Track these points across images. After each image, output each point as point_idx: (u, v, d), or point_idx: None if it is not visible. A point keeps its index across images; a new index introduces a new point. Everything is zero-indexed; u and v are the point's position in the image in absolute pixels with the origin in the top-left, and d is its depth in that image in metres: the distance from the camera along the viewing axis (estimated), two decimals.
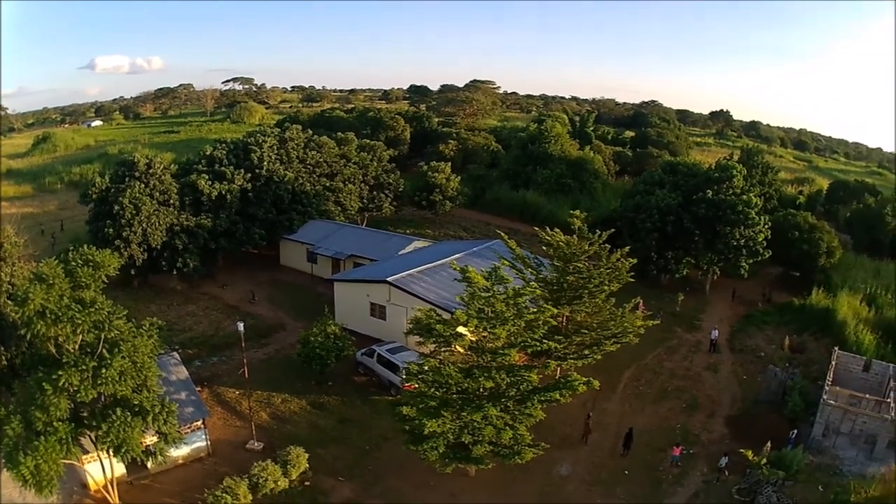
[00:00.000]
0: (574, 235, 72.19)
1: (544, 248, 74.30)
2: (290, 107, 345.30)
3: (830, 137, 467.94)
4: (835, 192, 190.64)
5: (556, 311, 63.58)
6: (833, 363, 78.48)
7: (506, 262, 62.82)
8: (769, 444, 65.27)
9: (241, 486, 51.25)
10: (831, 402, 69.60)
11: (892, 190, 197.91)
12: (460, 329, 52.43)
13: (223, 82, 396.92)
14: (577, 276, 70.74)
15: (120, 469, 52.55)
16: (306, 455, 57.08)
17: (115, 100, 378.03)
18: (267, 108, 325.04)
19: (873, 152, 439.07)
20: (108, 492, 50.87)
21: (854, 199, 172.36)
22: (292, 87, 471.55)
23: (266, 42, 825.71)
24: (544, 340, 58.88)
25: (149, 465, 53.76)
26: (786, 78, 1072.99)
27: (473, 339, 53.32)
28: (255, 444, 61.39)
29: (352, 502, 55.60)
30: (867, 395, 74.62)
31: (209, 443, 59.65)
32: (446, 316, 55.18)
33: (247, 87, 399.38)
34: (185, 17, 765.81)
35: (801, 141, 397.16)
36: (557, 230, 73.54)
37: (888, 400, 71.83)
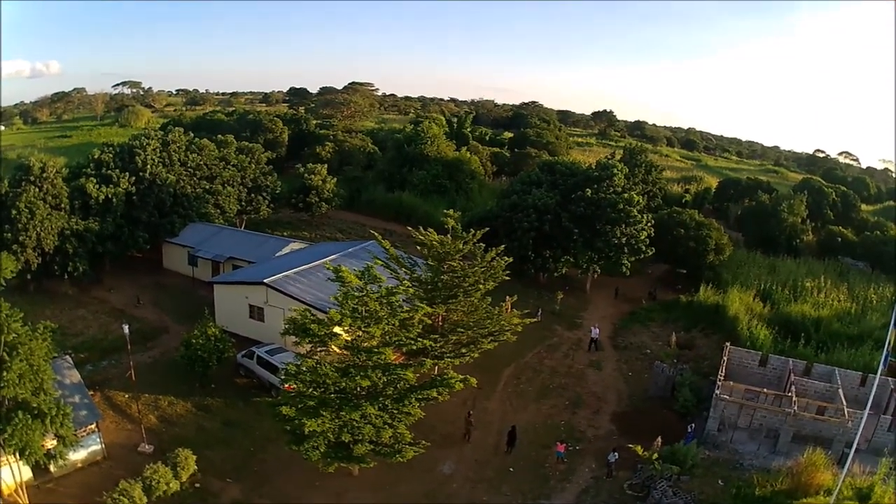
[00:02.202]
0: (448, 235, 76.07)
1: (418, 247, 78.09)
2: (175, 110, 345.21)
3: (722, 136, 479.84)
4: (725, 190, 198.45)
5: (430, 309, 68.48)
6: (725, 358, 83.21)
7: (379, 261, 66.28)
8: (660, 439, 69.24)
9: (135, 488, 54.08)
10: (725, 396, 74.09)
11: (789, 187, 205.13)
12: (336, 329, 55.84)
13: (113, 86, 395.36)
14: (452, 275, 74.73)
15: (27, 473, 55.58)
16: (194, 457, 60.10)
17: (16, 104, 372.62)
18: (153, 112, 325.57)
19: (769, 150, 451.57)
20: (18, 495, 53.75)
21: (746, 197, 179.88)
22: (177, 90, 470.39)
23: (153, 44, 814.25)
24: (420, 339, 62.76)
25: (52, 468, 56.97)
26: (673, 78, 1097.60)
27: (348, 338, 56.82)
28: (146, 446, 64.21)
29: (239, 503, 58.78)
30: (765, 390, 78.76)
31: (104, 446, 62.38)
32: (322, 316, 58.38)
33: (135, 90, 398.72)
34: (80, 20, 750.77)
35: (689, 140, 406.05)
36: (432, 230, 77.33)
37: (789, 394, 76.10)
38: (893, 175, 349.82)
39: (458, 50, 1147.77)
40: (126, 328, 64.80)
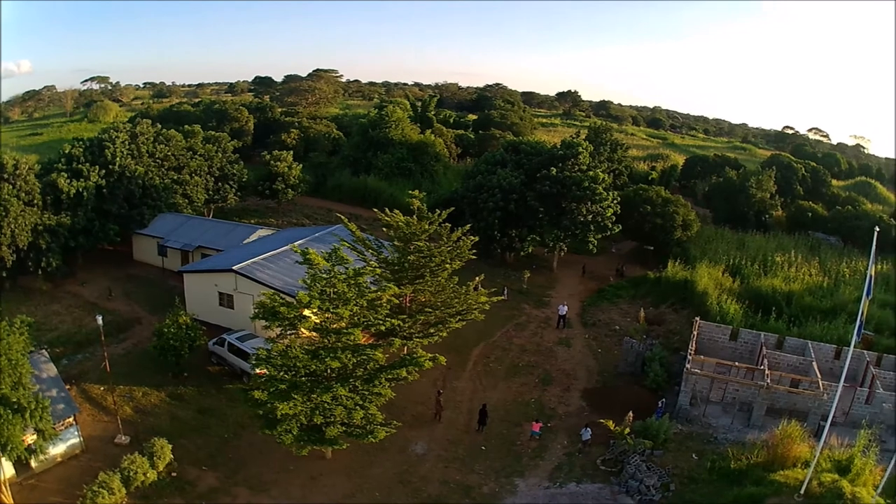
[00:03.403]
0: (414, 216, 77.89)
1: (384, 229, 79.83)
2: (142, 103, 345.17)
3: (689, 115, 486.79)
4: (692, 167, 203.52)
5: (398, 290, 70.02)
6: (695, 333, 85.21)
7: (346, 244, 69.06)
8: (631, 414, 71.00)
9: (114, 480, 55.16)
10: (696, 370, 75.77)
11: (757, 164, 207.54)
12: (305, 311, 57.52)
13: (82, 82, 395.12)
14: (418, 255, 76.14)
15: (10, 471, 56.64)
16: (170, 446, 61.23)
17: None
18: (121, 106, 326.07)
19: (737, 128, 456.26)
20: (2, 493, 54.89)
21: (713, 174, 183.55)
22: (144, 83, 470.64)
23: (121, 40, 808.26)
24: (388, 319, 64.00)
25: (33, 464, 57.99)
26: (639, 58, 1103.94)
27: (317, 320, 58.58)
28: (123, 437, 65.38)
29: (218, 490, 60.02)
30: (736, 363, 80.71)
31: (82, 439, 63.45)
32: (291, 300, 60.10)
33: (103, 85, 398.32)
34: (50, 18, 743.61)
35: (655, 119, 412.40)
36: (397, 211, 79.00)
37: (761, 367, 77.94)
38: (865, 150, 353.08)
39: (423, 36, 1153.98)
40: (99, 320, 65.98)
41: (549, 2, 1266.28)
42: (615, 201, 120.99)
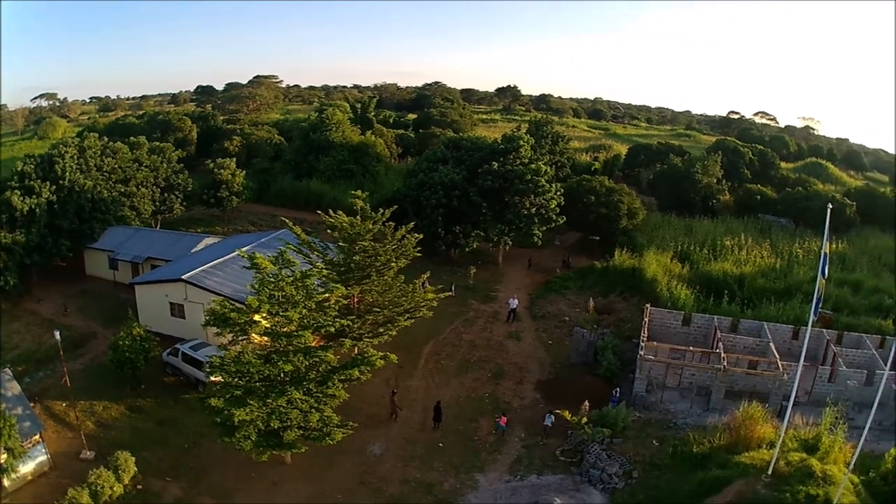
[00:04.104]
0: (357, 216, 79.03)
1: (329, 231, 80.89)
2: (89, 118, 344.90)
3: (630, 104, 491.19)
4: (635, 156, 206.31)
5: (345, 290, 71.03)
6: (646, 320, 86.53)
7: (292, 247, 70.35)
8: (587, 403, 72.05)
9: (83, 495, 56.05)
10: (650, 357, 77.58)
11: (702, 150, 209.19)
12: (255, 316, 58.62)
13: (32, 100, 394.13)
14: (364, 255, 77.53)
15: None
16: (133, 459, 61.93)
17: None
18: (69, 122, 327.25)
19: (680, 115, 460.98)
20: None
21: (657, 162, 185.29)
22: (90, 98, 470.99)
23: (66, 55, 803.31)
24: (337, 320, 64.64)
25: (6, 483, 58.56)
26: (578, 51, 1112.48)
27: (268, 324, 59.58)
28: (88, 453, 66.02)
29: (183, 501, 60.75)
30: (691, 348, 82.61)
31: (49, 456, 64.02)
32: (241, 306, 60.82)
33: (52, 102, 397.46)
34: None
35: (596, 110, 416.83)
36: (341, 213, 79.95)
37: (717, 350, 79.60)
38: (815, 132, 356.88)
39: (361, 38, 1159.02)
40: (57, 336, 66.53)
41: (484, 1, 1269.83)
42: (558, 193, 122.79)
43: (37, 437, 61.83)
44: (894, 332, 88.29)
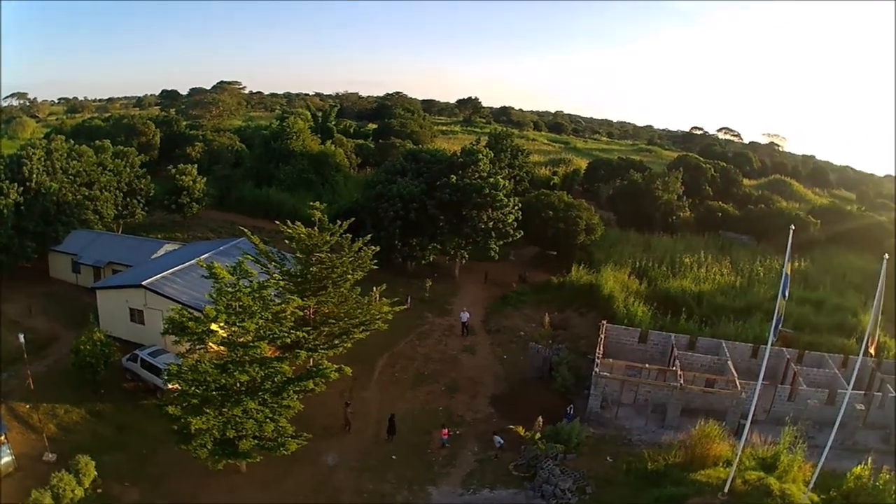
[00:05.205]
0: (315, 227, 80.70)
1: (286, 241, 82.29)
2: (56, 119, 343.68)
3: (592, 118, 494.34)
4: (595, 171, 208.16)
5: (301, 302, 72.76)
6: (602, 336, 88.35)
7: (250, 257, 70.96)
8: (541, 419, 74.28)
9: (46, 497, 57.66)
10: (605, 373, 79.00)
11: (663, 165, 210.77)
12: (212, 325, 59.81)
13: (3, 98, 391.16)
14: (321, 266, 79.24)
15: None
16: (93, 463, 63.01)
17: None
18: (37, 122, 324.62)
19: (641, 130, 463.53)
20: None
21: (617, 177, 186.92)
22: (59, 99, 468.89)
23: (41, 54, 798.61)
24: (293, 331, 66.62)
25: None
26: (540, 66, 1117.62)
27: (224, 334, 61.07)
28: (50, 455, 67.11)
29: None
30: (647, 365, 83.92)
31: (14, 457, 65.06)
32: (199, 314, 62.12)
33: (22, 101, 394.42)
34: None
35: (557, 123, 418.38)
36: (299, 223, 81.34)
37: (673, 368, 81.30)
38: (780, 149, 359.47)
39: (324, 45, 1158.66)
40: (21, 339, 69.46)
41: (449, 13, 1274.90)
42: (516, 207, 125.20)
43: (2, 437, 63.22)
44: (858, 352, 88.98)
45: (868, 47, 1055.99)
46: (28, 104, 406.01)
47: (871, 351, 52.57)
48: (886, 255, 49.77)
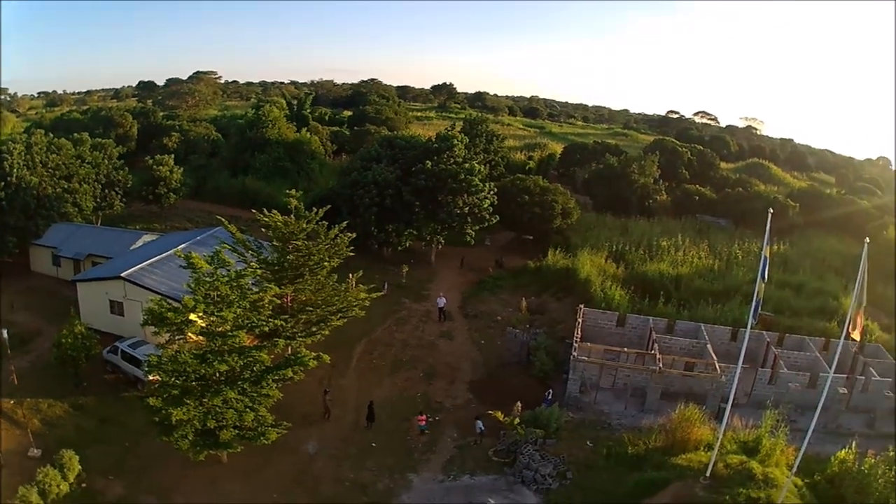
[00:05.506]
0: (291, 215, 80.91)
1: (263, 230, 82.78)
2: (36, 113, 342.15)
3: (567, 103, 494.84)
4: (570, 155, 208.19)
5: (278, 290, 73.21)
6: (580, 320, 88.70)
7: (227, 246, 71.11)
8: (519, 404, 74.48)
9: (32, 493, 57.63)
10: (583, 357, 79.48)
11: (639, 149, 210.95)
12: (191, 316, 60.01)
13: None
14: (297, 254, 79.77)
15: None
16: (77, 457, 63.02)
17: None
18: (17, 117, 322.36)
19: (617, 114, 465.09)
20: None
21: (593, 161, 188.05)
22: (38, 93, 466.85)
23: (20, 50, 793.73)
24: (270, 320, 67.00)
25: None
26: (515, 51, 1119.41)
27: (203, 324, 61.34)
28: (35, 450, 66.92)
29: (126, 499, 62.14)
30: (625, 349, 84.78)
31: (1, 453, 64.96)
32: (177, 305, 62.07)
33: (2, 97, 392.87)
34: None
35: (532, 108, 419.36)
36: (275, 212, 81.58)
37: (652, 352, 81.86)
38: (758, 132, 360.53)
39: (298, 33, 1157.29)
40: (4, 334, 70.31)
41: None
42: (492, 192, 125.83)
43: None
44: (839, 335, 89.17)
45: (848, 30, 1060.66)
46: (9, 99, 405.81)
47: (856, 335, 52.58)
48: (867, 239, 49.84)
